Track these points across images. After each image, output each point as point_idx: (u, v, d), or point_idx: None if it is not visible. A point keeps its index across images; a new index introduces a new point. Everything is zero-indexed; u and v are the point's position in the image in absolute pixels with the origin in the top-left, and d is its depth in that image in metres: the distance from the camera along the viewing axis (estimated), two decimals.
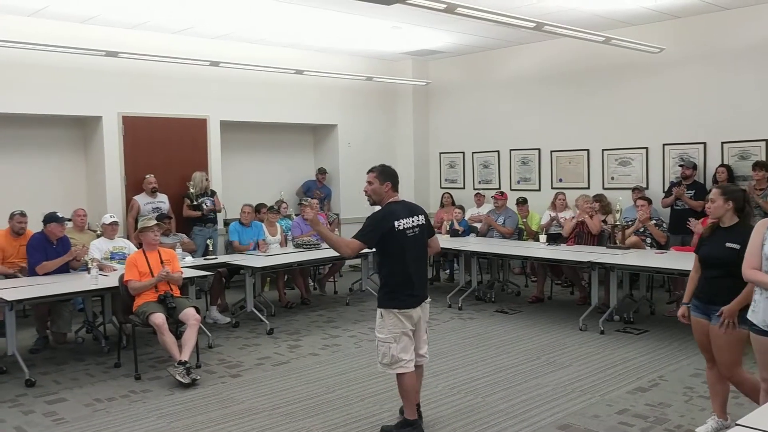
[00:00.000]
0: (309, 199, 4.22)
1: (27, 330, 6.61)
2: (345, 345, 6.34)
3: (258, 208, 8.27)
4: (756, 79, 7.91)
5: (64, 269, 6.36)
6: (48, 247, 6.29)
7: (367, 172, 4.10)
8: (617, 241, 7.43)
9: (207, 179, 8.73)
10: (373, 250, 4.07)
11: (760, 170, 7.45)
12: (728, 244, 3.71)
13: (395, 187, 4.09)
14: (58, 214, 6.36)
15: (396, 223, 3.95)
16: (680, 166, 8.22)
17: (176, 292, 5.70)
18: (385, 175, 4.07)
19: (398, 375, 4.03)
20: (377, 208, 4.15)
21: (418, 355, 4.15)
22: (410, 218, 4.03)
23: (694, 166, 8.14)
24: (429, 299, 4.23)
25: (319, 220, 4.03)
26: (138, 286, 5.55)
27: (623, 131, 9.11)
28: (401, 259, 3.99)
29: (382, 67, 10.92)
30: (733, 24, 8.02)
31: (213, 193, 8.80)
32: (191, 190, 8.54)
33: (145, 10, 7.54)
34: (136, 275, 5.59)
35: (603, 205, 8.33)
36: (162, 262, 5.71)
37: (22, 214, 6.52)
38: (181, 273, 5.96)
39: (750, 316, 3.42)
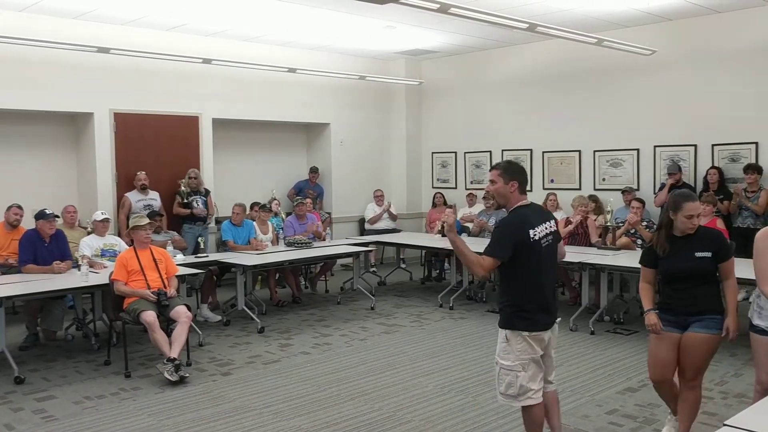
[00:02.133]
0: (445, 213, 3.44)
1: (17, 327, 6.58)
2: (336, 344, 6.34)
3: (251, 207, 8.27)
4: (747, 82, 7.95)
5: None
6: (39, 245, 6.26)
7: (490, 170, 3.52)
8: (608, 242, 7.46)
9: (193, 177, 8.65)
10: None
11: (753, 173, 7.50)
12: (698, 254, 3.58)
13: (523, 188, 3.47)
14: (46, 210, 6.33)
15: (531, 232, 3.34)
16: (669, 174, 8.20)
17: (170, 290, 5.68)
18: (510, 172, 3.44)
19: (524, 407, 3.44)
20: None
21: (547, 382, 3.55)
22: (543, 225, 3.42)
23: (679, 168, 8.18)
24: (559, 318, 3.60)
25: (456, 229, 3.50)
26: (124, 290, 5.54)
27: (615, 133, 9.15)
28: (535, 272, 3.38)
29: (375, 66, 10.92)
30: (725, 27, 8.06)
31: (207, 193, 8.75)
32: (182, 189, 8.50)
33: (138, 6, 7.51)
34: (124, 275, 5.57)
35: (597, 206, 8.37)
36: (156, 263, 5.71)
37: (19, 207, 6.57)
38: (177, 270, 6.01)
39: (757, 321, 3.48)
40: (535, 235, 3.35)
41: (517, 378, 3.37)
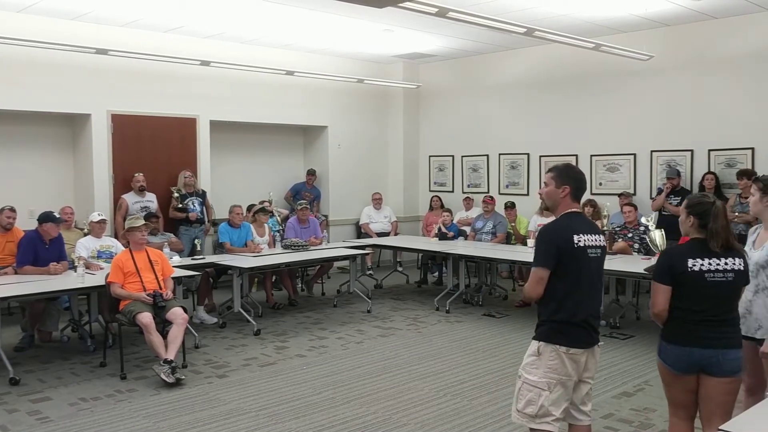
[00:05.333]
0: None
1: (12, 328, 6.56)
2: (332, 347, 6.34)
3: (248, 209, 8.27)
4: (743, 88, 7.98)
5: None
6: (39, 247, 6.24)
7: (547, 171, 3.33)
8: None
9: (186, 178, 8.66)
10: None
11: (748, 179, 7.51)
12: None
13: (576, 195, 3.23)
14: (55, 214, 6.32)
15: (576, 237, 3.08)
16: (668, 179, 8.24)
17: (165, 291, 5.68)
18: (565, 177, 3.22)
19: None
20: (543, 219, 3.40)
21: (581, 412, 3.18)
22: (592, 236, 3.15)
23: (678, 173, 8.21)
24: (601, 342, 3.27)
25: None
26: (120, 292, 5.54)
27: (612, 137, 9.17)
28: (579, 283, 3.09)
29: (373, 69, 10.93)
30: (722, 33, 8.10)
31: (203, 194, 8.74)
32: (176, 194, 8.47)
33: (136, 8, 7.51)
34: (120, 277, 5.56)
35: (595, 210, 8.41)
36: (152, 265, 5.70)
37: (12, 210, 6.48)
38: (173, 272, 6.00)
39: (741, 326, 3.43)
40: (580, 241, 3.09)
41: (540, 397, 3.04)
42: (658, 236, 3.54)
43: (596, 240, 3.16)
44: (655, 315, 3.24)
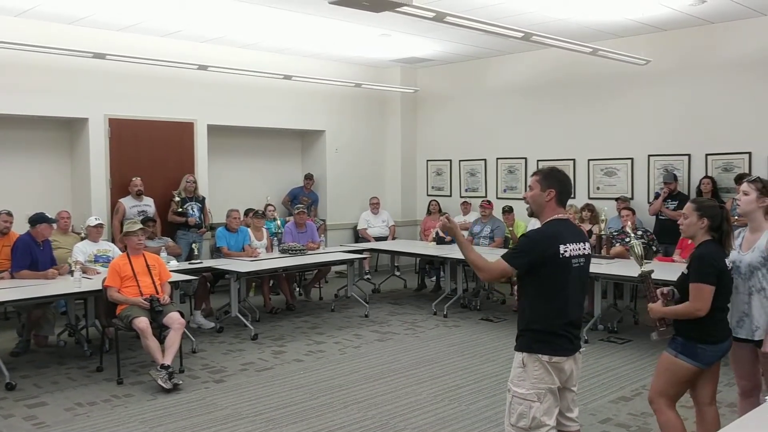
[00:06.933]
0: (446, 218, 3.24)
1: (7, 333, 6.54)
2: (329, 351, 6.33)
3: (246, 213, 8.26)
4: (740, 92, 8.00)
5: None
6: (35, 248, 6.24)
7: (532, 175, 3.28)
8: (603, 251, 7.48)
9: (191, 181, 8.66)
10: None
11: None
12: (684, 270, 3.39)
13: (561, 200, 3.16)
14: (47, 214, 6.33)
15: (562, 248, 3.03)
16: (665, 183, 8.24)
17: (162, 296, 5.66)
18: (550, 180, 3.15)
19: None
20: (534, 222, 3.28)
21: (568, 419, 3.21)
22: (577, 244, 3.11)
23: (675, 177, 8.23)
24: (583, 348, 3.30)
25: (457, 227, 3.32)
26: (117, 297, 5.52)
27: (609, 142, 9.18)
28: (562, 294, 3.07)
29: (370, 73, 10.94)
30: (719, 37, 8.11)
31: (203, 200, 8.74)
32: (176, 198, 8.47)
33: (134, 12, 7.51)
34: (117, 281, 5.55)
35: (593, 215, 8.41)
36: (150, 270, 5.69)
37: (9, 214, 6.51)
38: (170, 276, 5.99)
39: (738, 330, 3.48)
40: (566, 252, 3.05)
41: (531, 409, 3.02)
42: (638, 246, 3.49)
43: (582, 248, 3.12)
44: (696, 316, 3.24)
